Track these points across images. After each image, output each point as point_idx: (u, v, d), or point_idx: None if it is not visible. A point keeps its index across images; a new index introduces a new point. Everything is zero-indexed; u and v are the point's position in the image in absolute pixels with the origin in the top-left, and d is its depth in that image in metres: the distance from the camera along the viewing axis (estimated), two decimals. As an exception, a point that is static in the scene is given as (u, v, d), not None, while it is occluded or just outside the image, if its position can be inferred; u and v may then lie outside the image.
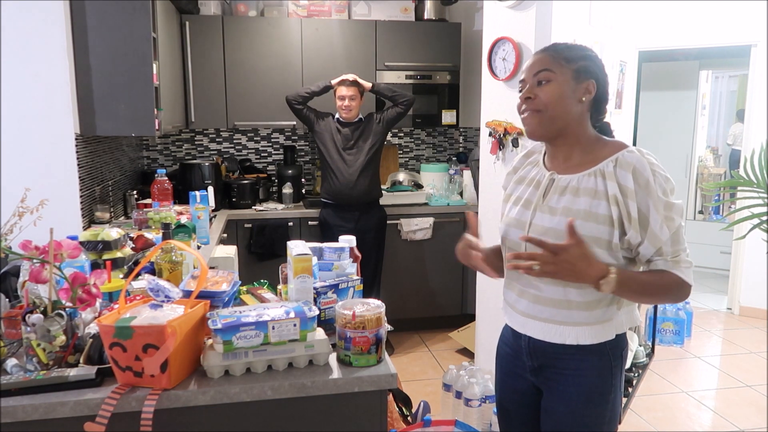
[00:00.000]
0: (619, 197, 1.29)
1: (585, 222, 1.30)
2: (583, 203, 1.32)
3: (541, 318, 1.40)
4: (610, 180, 1.30)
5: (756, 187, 3.06)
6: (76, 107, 2.56)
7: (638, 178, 1.28)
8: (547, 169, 1.43)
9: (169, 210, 2.84)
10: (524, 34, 2.68)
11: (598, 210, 1.30)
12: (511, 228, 1.45)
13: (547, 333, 1.40)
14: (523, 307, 1.44)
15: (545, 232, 1.35)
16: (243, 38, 3.81)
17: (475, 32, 4.27)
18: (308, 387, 1.29)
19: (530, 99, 1.36)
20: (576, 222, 1.27)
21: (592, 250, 1.28)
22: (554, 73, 1.34)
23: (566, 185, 1.36)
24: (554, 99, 1.33)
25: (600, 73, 1.37)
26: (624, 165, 1.30)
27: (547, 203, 1.38)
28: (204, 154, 4.25)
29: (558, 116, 1.34)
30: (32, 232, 1.44)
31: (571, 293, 1.35)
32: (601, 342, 1.37)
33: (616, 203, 1.29)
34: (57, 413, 1.19)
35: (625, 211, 1.29)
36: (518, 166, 1.55)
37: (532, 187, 1.44)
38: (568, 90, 1.33)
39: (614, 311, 1.38)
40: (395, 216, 3.84)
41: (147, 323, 1.21)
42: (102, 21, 2.55)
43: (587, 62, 1.36)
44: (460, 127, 4.47)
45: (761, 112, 4.29)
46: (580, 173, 1.35)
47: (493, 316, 3.02)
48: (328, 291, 1.53)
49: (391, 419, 2.54)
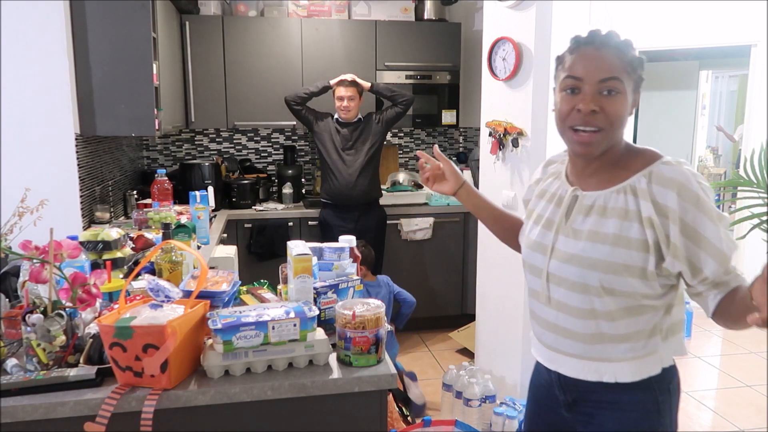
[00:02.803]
0: (655, 219, 1.10)
1: (614, 248, 1.13)
2: (612, 226, 1.14)
3: (571, 354, 1.23)
4: (644, 198, 1.12)
5: (756, 187, 3.05)
6: (76, 107, 2.56)
7: (686, 195, 1.09)
8: (570, 183, 1.26)
9: (169, 210, 2.84)
10: (524, 34, 2.68)
11: (629, 233, 1.13)
12: (533, 252, 1.28)
13: (579, 370, 1.23)
14: (551, 341, 1.28)
15: (569, 258, 1.19)
16: (243, 38, 3.81)
17: (475, 32, 4.27)
18: (308, 387, 1.29)
19: (595, 113, 1.13)
20: (604, 248, 1.13)
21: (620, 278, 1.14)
22: (623, 82, 1.14)
23: (592, 204, 1.19)
24: (620, 116, 1.15)
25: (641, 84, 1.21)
26: (662, 180, 1.11)
27: (571, 225, 1.21)
28: (204, 154, 4.25)
29: (616, 135, 1.17)
30: (32, 232, 1.44)
31: (603, 326, 1.18)
32: (644, 378, 1.19)
33: (651, 225, 1.11)
34: (57, 413, 1.19)
35: (662, 235, 1.11)
36: (540, 178, 1.39)
37: (553, 205, 1.27)
38: (628, 105, 1.16)
39: (657, 342, 1.19)
40: (395, 216, 3.84)
41: (147, 323, 1.21)
42: (102, 21, 2.55)
43: (641, 72, 1.18)
44: (460, 127, 4.47)
45: (761, 112, 4.29)
46: (607, 189, 1.17)
47: (493, 316, 3.02)
48: (328, 291, 1.53)
49: (391, 419, 2.54)
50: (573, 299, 1.20)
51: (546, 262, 1.24)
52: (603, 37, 1.16)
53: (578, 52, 1.17)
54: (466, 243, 3.97)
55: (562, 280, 1.21)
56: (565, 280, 1.21)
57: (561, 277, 1.21)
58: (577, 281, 1.18)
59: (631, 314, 1.16)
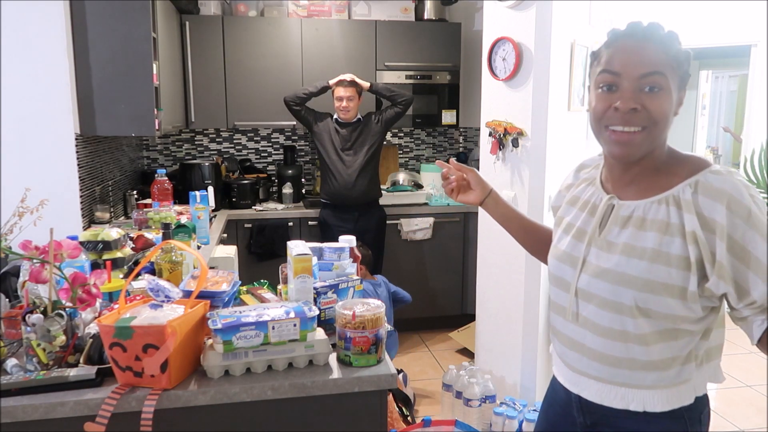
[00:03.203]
0: (700, 234, 1.00)
1: (652, 264, 1.03)
2: (651, 240, 1.04)
3: (596, 377, 1.14)
4: (688, 211, 1.01)
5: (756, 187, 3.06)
6: (76, 107, 2.56)
7: (736, 208, 0.98)
8: (606, 191, 1.15)
9: (169, 210, 2.84)
10: (524, 34, 2.68)
11: (669, 249, 1.02)
12: (562, 264, 1.18)
13: (605, 396, 1.13)
14: (574, 362, 1.17)
15: (601, 273, 1.09)
16: (243, 38, 3.81)
17: (475, 32, 4.27)
18: (308, 387, 1.29)
19: (636, 111, 1.03)
20: (641, 264, 1.03)
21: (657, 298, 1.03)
22: (667, 78, 1.02)
23: (629, 215, 1.08)
24: (666, 114, 1.04)
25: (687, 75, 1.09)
26: (709, 191, 1.00)
27: (605, 236, 1.10)
28: (204, 154, 4.25)
29: (659, 136, 1.06)
30: (32, 232, 1.44)
31: (634, 350, 1.08)
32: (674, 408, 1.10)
33: (694, 241, 1.00)
34: (57, 413, 1.19)
35: (707, 253, 1.00)
36: (571, 183, 1.28)
37: (586, 213, 1.17)
38: (672, 103, 1.05)
39: (692, 370, 1.09)
40: (395, 216, 3.84)
41: (147, 323, 1.21)
42: (102, 21, 2.55)
43: (687, 67, 1.06)
44: (460, 127, 4.47)
45: (761, 112, 4.29)
46: (647, 199, 1.07)
47: (493, 316, 3.02)
48: (328, 291, 1.53)
49: (391, 419, 2.54)
50: (603, 318, 1.10)
51: (575, 276, 1.14)
52: (645, 29, 1.05)
53: (616, 45, 1.06)
54: (466, 243, 3.97)
55: (592, 296, 1.11)
56: (596, 297, 1.10)
57: (591, 293, 1.11)
58: (609, 299, 1.08)
59: (666, 338, 1.06)
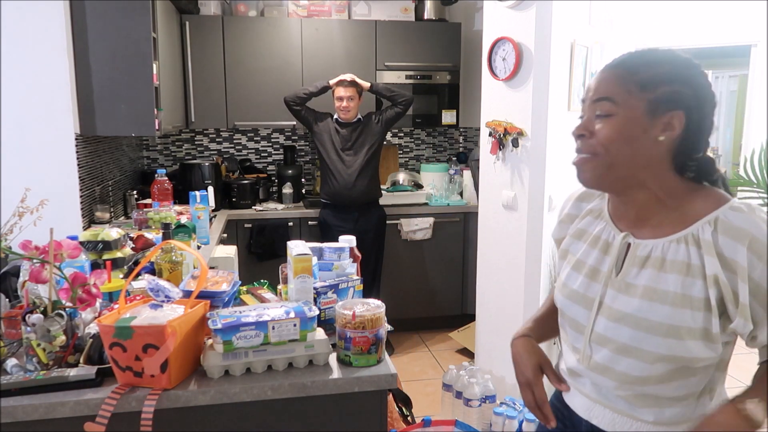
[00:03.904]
0: (722, 276, 0.94)
1: (676, 309, 0.96)
2: (673, 282, 0.97)
3: (614, 408, 1.07)
4: (708, 252, 0.95)
5: (756, 187, 3.06)
6: (76, 107, 2.56)
7: (757, 248, 0.92)
8: (617, 227, 1.08)
9: (169, 210, 2.84)
10: (524, 34, 2.68)
11: (692, 292, 0.95)
12: (574, 304, 1.11)
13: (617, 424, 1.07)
14: (589, 389, 1.11)
15: (622, 318, 1.01)
16: (243, 38, 3.81)
17: (475, 32, 4.27)
18: (308, 387, 1.29)
19: (582, 137, 1.02)
20: (664, 309, 0.97)
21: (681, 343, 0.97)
22: (617, 105, 0.98)
23: (647, 254, 1.01)
24: (613, 140, 0.98)
25: (694, 99, 0.97)
26: (729, 230, 0.94)
27: (623, 278, 1.03)
28: (204, 154, 4.25)
29: (619, 163, 0.99)
30: (32, 232, 1.44)
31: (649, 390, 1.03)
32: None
33: (715, 284, 0.94)
34: (57, 413, 1.19)
35: (729, 294, 0.94)
36: (574, 214, 1.20)
37: (598, 251, 1.09)
38: (637, 128, 0.97)
39: (706, 403, 1.05)
40: (395, 216, 3.84)
41: (147, 323, 1.21)
42: (102, 21, 2.55)
43: (676, 87, 0.96)
44: (460, 127, 4.47)
45: (761, 112, 4.29)
46: (665, 238, 1.00)
47: (493, 316, 3.02)
48: (328, 291, 1.53)
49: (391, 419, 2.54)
50: (620, 364, 1.03)
51: (591, 319, 1.07)
52: (623, 57, 1.02)
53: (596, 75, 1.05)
54: (466, 243, 3.97)
55: (609, 341, 1.04)
56: (613, 342, 1.03)
57: (608, 337, 1.03)
58: (630, 344, 1.01)
59: (685, 376, 1.01)
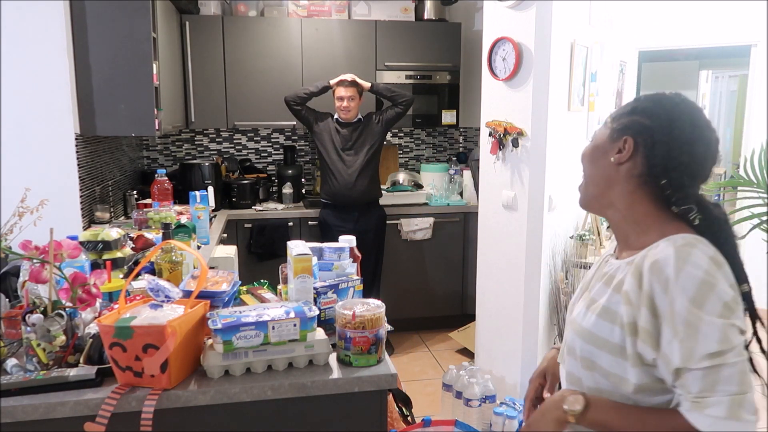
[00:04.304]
0: (632, 297, 1.00)
1: (599, 319, 1.05)
2: (606, 296, 1.06)
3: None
4: (633, 273, 1.02)
5: (756, 187, 3.06)
6: (76, 107, 2.56)
7: (657, 275, 0.96)
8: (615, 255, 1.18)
9: (169, 210, 2.84)
10: (524, 34, 2.68)
11: (617, 308, 1.03)
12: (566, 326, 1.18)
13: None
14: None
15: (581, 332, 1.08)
16: (243, 38, 3.81)
17: (475, 32, 4.27)
18: (308, 387, 1.29)
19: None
20: (591, 318, 1.06)
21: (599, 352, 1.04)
22: (597, 134, 1.14)
23: (607, 271, 1.11)
24: (587, 159, 1.14)
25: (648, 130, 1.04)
26: (649, 257, 1.00)
27: (590, 292, 1.13)
28: (204, 154, 4.25)
29: (591, 182, 1.13)
30: (32, 232, 1.44)
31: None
32: None
33: (628, 302, 1.00)
34: (57, 413, 1.19)
35: (632, 316, 1.00)
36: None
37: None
38: (599, 151, 1.10)
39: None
40: (395, 216, 3.84)
41: (147, 323, 1.21)
42: (102, 21, 2.55)
43: (635, 117, 1.06)
44: (460, 127, 4.47)
45: (761, 112, 4.29)
46: (625, 260, 1.08)
47: (493, 316, 3.02)
48: (328, 291, 1.53)
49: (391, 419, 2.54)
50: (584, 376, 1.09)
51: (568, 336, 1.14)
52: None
53: None
54: (466, 243, 3.97)
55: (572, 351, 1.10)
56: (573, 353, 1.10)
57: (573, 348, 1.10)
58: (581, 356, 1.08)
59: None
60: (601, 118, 3.24)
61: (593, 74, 3.00)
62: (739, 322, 0.94)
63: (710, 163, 1.05)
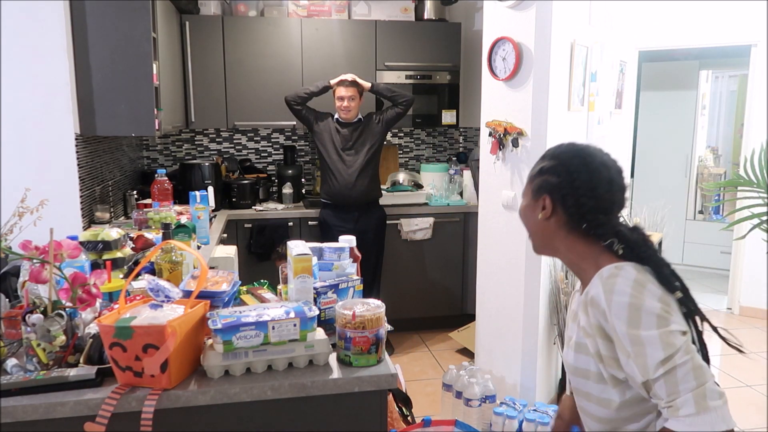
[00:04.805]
0: (588, 330, 1.13)
1: (577, 354, 1.16)
2: (576, 332, 1.18)
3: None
4: (582, 309, 1.16)
5: (756, 187, 3.06)
6: (76, 107, 2.56)
7: (596, 308, 1.10)
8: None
9: (169, 210, 2.84)
10: (524, 34, 2.68)
11: (585, 340, 1.15)
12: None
13: None
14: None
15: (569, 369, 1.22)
16: (243, 38, 3.81)
17: (475, 32, 4.27)
18: (308, 387, 1.29)
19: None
20: (570, 354, 1.18)
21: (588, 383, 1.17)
22: (523, 192, 1.27)
23: (574, 308, 1.23)
24: (523, 217, 1.26)
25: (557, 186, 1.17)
26: (589, 293, 1.13)
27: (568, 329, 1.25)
28: (204, 154, 4.25)
29: (531, 234, 1.26)
30: (32, 232, 1.44)
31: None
32: None
33: (587, 335, 1.14)
34: (57, 413, 1.19)
35: (595, 346, 1.12)
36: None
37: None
38: (528, 209, 1.24)
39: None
40: (395, 216, 3.84)
41: (147, 323, 1.21)
42: (102, 21, 2.55)
43: (545, 176, 1.20)
44: (460, 127, 4.47)
45: (761, 112, 4.29)
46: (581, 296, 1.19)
47: (493, 316, 3.02)
48: (328, 291, 1.53)
49: (391, 419, 2.54)
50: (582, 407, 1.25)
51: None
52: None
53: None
54: (466, 243, 3.97)
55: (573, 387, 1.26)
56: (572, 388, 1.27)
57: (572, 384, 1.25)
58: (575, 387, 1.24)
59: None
60: (601, 118, 3.24)
61: (593, 74, 3.00)
62: (675, 326, 1.05)
63: (619, 195, 1.17)
